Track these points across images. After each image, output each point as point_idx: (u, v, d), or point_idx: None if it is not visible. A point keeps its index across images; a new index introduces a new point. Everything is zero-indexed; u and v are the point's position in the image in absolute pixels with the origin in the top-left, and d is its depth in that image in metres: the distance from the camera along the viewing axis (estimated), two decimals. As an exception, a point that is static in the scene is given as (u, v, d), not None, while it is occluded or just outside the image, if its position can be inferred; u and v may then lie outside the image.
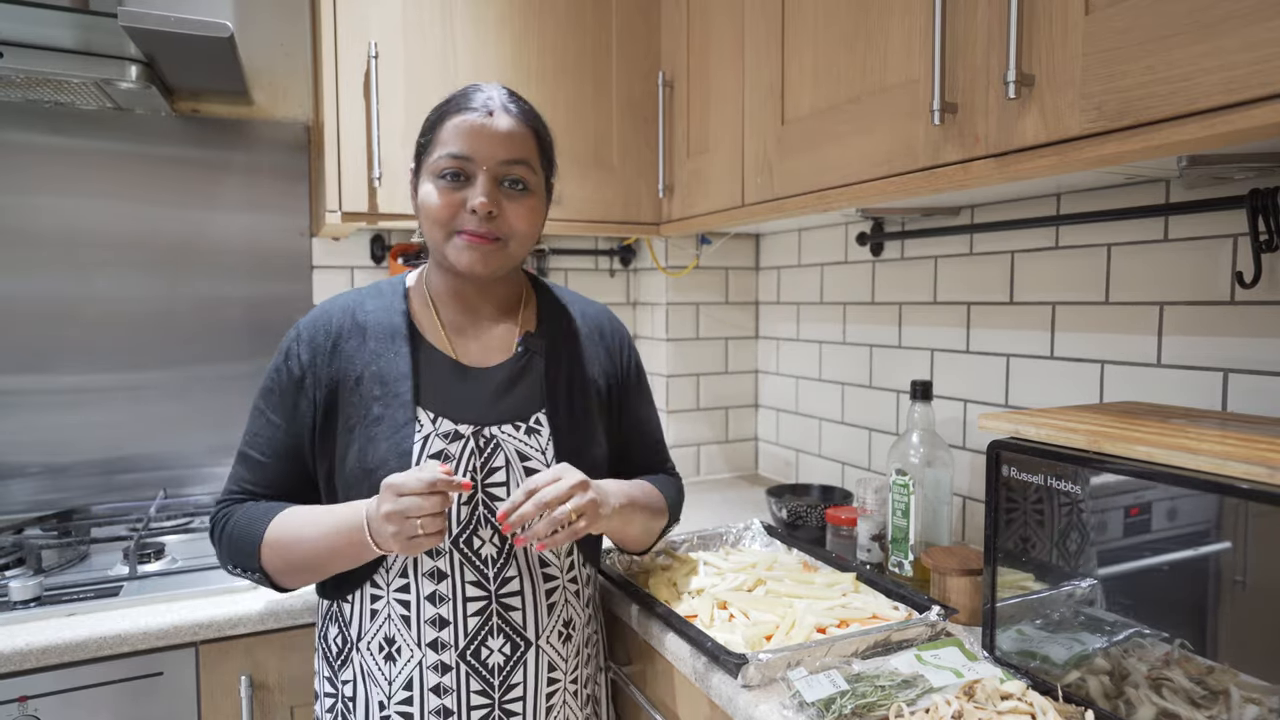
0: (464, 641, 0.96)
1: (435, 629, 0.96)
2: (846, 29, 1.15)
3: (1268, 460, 0.69)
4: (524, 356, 1.05)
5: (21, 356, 1.56)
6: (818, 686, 0.89)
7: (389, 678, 0.97)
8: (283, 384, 1.00)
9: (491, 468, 0.99)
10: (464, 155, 0.96)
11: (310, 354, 1.00)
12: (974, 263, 1.41)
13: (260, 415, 1.01)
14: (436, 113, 1.01)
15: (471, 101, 0.98)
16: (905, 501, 1.23)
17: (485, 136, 0.97)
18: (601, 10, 1.65)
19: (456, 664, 0.96)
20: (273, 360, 1.02)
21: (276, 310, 1.75)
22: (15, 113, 1.54)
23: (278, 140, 1.74)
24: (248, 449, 1.02)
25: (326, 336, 1.01)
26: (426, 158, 0.99)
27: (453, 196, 0.97)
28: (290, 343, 1.01)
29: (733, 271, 2.01)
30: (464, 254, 0.97)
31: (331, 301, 1.05)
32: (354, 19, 1.44)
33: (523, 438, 1.01)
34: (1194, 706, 0.75)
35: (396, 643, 0.97)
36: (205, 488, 1.71)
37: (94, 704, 1.11)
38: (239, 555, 0.98)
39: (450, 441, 0.97)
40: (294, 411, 1.00)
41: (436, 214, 0.97)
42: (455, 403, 1.00)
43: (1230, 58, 0.68)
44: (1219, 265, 1.06)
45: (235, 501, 1.01)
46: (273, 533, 0.96)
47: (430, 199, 0.97)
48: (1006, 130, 0.89)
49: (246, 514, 0.99)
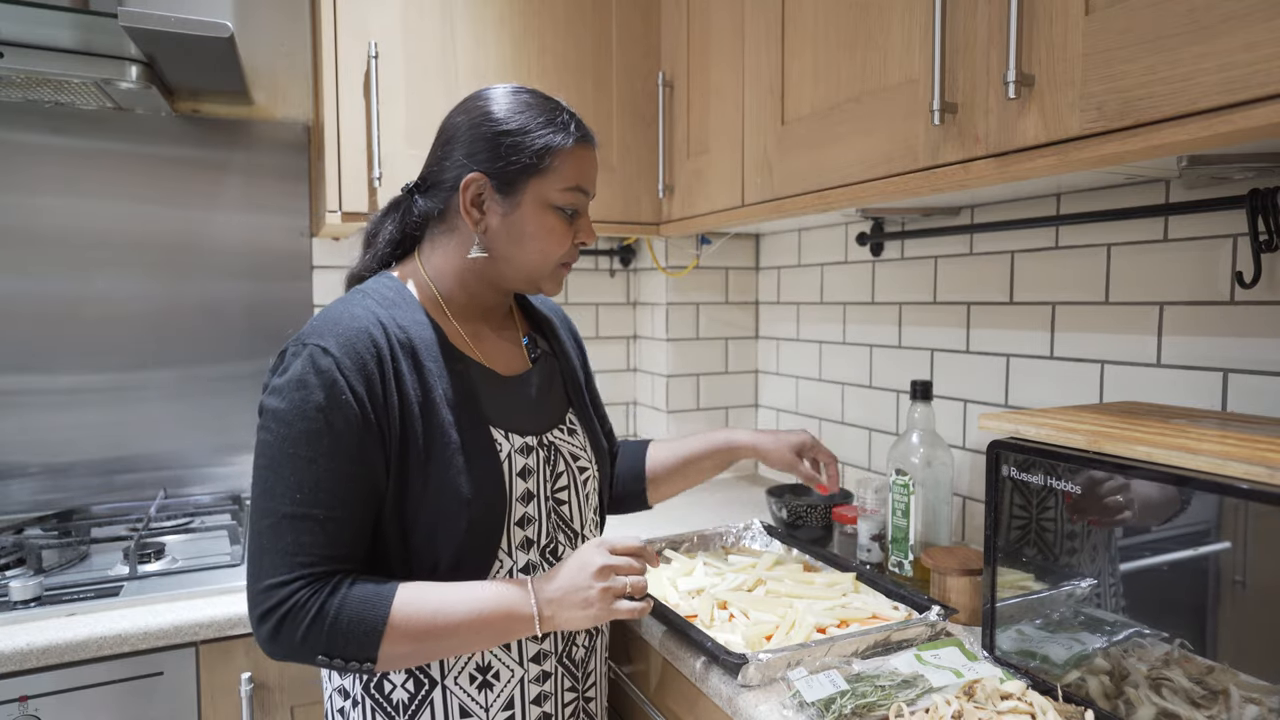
0: (563, 645, 0.98)
1: (537, 642, 0.95)
2: (846, 29, 1.15)
3: (1268, 460, 0.69)
4: (540, 360, 1.06)
5: (21, 356, 1.56)
6: (818, 686, 0.89)
7: (485, 705, 0.93)
8: (339, 425, 0.83)
9: (557, 473, 0.99)
10: (587, 191, 0.96)
11: (364, 383, 0.85)
12: (974, 263, 1.41)
13: (311, 465, 0.82)
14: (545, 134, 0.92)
15: (582, 131, 0.96)
16: (905, 501, 1.23)
17: (594, 171, 0.98)
18: (601, 10, 1.65)
19: (555, 669, 0.97)
20: (300, 398, 0.83)
21: (276, 310, 1.75)
22: (15, 113, 1.54)
23: (278, 140, 1.74)
24: (308, 509, 0.82)
25: (373, 359, 0.86)
26: (532, 181, 0.92)
27: (569, 230, 0.96)
28: (330, 374, 0.83)
29: (733, 271, 2.01)
30: (558, 284, 1.00)
31: (346, 315, 0.88)
32: (354, 19, 1.44)
33: (568, 439, 1.03)
34: (1194, 706, 0.75)
35: (493, 668, 0.93)
36: (205, 488, 1.71)
37: (94, 704, 1.11)
38: (349, 646, 0.82)
39: (527, 455, 0.96)
40: (362, 453, 0.84)
41: (556, 248, 0.95)
42: (515, 415, 0.97)
43: (1230, 58, 0.68)
44: (1219, 265, 1.06)
45: (312, 580, 0.82)
46: (404, 615, 0.83)
47: (550, 233, 0.94)
48: (1006, 130, 0.89)
49: (349, 595, 0.82)
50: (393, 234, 1.00)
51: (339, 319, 0.88)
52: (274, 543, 0.82)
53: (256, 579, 0.83)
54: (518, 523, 0.94)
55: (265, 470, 0.84)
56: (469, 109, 0.96)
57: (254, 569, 0.84)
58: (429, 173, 0.98)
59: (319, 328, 0.87)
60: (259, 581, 0.83)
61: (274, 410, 0.84)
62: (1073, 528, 0.87)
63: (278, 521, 0.83)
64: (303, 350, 0.85)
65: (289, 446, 0.83)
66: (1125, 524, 0.81)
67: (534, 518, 0.96)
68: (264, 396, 0.87)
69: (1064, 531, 0.88)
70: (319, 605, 0.81)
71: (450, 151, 0.95)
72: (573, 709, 1.00)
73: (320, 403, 0.83)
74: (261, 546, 0.83)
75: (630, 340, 2.12)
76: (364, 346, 0.86)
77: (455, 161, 0.94)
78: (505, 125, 0.92)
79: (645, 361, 2.07)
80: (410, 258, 1.01)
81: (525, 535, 0.95)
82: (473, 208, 0.93)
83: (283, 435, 0.83)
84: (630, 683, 1.19)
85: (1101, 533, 0.84)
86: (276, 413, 0.84)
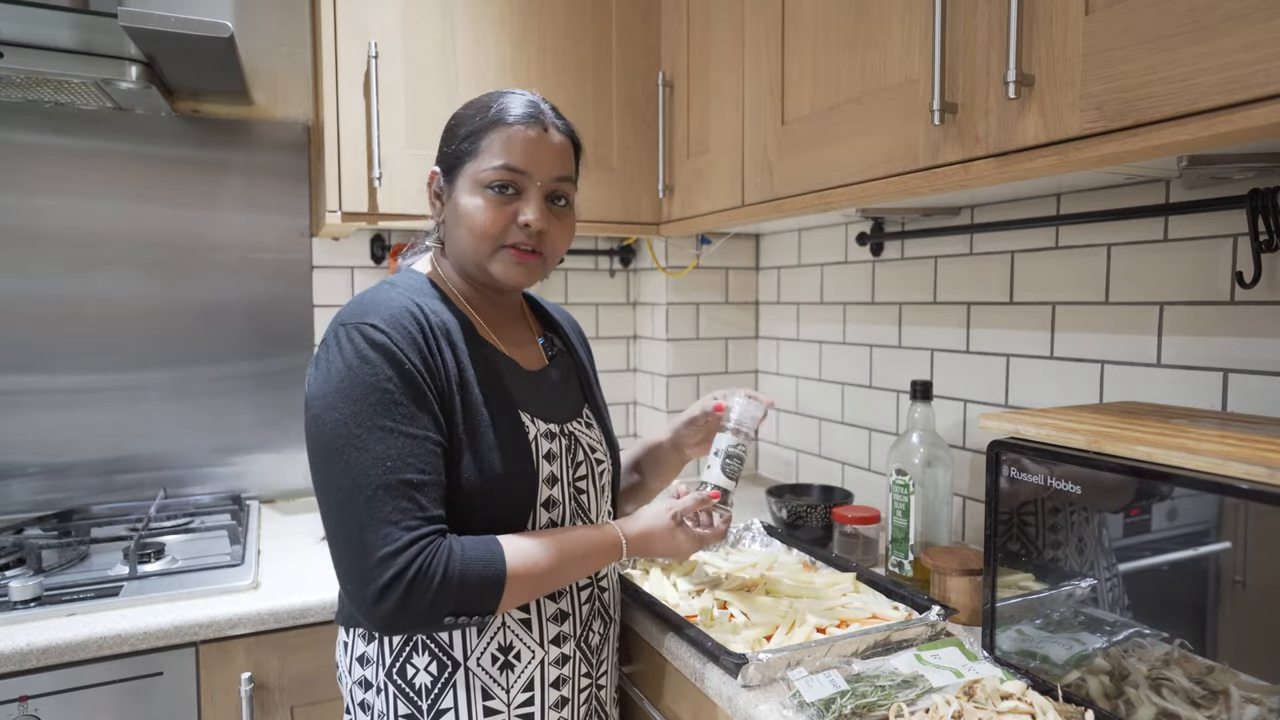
0: (581, 630, 1.00)
1: (558, 624, 0.98)
2: (846, 29, 1.15)
3: (1268, 460, 0.69)
4: (556, 357, 1.08)
5: (21, 356, 1.56)
6: (818, 686, 0.89)
7: (506, 686, 0.94)
8: (410, 393, 0.85)
9: (576, 462, 1.02)
10: (518, 169, 0.94)
11: (418, 355, 0.87)
12: (974, 263, 1.41)
13: (391, 434, 0.84)
14: (479, 118, 0.95)
15: (522, 112, 0.95)
16: (905, 501, 1.23)
17: (539, 151, 0.95)
18: (601, 10, 1.65)
19: (574, 652, 0.99)
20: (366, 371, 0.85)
21: (276, 310, 1.75)
22: (15, 113, 1.54)
23: (278, 140, 1.74)
24: (402, 474, 0.83)
25: (420, 333, 0.89)
26: (467, 165, 0.95)
27: (503, 210, 0.94)
28: (387, 347, 0.86)
29: (733, 271, 2.01)
30: (511, 269, 0.96)
31: (385, 299, 0.91)
32: (354, 19, 1.44)
33: (587, 431, 1.06)
34: (1194, 706, 0.75)
35: (515, 648, 0.94)
36: (205, 488, 1.71)
37: (94, 704, 1.11)
38: (474, 600, 0.85)
39: (551, 441, 0.98)
40: (433, 417, 0.87)
41: (485, 227, 0.93)
42: (539, 403, 1.00)
43: (1230, 58, 0.68)
44: (1219, 265, 1.06)
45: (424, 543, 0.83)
46: (517, 564, 0.87)
47: (477, 211, 0.93)
48: (1006, 130, 0.89)
49: (466, 553, 0.85)
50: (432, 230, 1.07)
51: (377, 301, 0.90)
52: (374, 515, 0.82)
53: (363, 556, 0.82)
54: (544, 504, 0.96)
55: (342, 450, 0.84)
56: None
57: (356, 548, 0.82)
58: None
59: (359, 310, 0.89)
60: (369, 557, 0.81)
61: (338, 391, 0.85)
62: (1072, 528, 0.87)
63: (373, 494, 0.82)
64: (352, 331, 0.86)
65: (365, 419, 0.83)
66: (1125, 524, 0.81)
67: (558, 501, 0.98)
68: (317, 382, 0.87)
69: (1064, 531, 0.88)
70: (444, 566, 0.82)
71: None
72: (587, 694, 1.02)
73: (389, 374, 0.85)
74: (360, 523, 0.82)
75: (630, 340, 2.12)
76: (409, 322, 0.89)
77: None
78: (455, 119, 0.99)
79: (645, 361, 2.07)
80: (428, 255, 1.06)
81: (550, 518, 0.97)
82: (436, 199, 1.00)
83: (355, 412, 0.84)
84: (630, 682, 1.19)
85: (1101, 533, 0.84)
86: (341, 392, 0.84)
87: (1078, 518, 0.86)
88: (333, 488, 0.84)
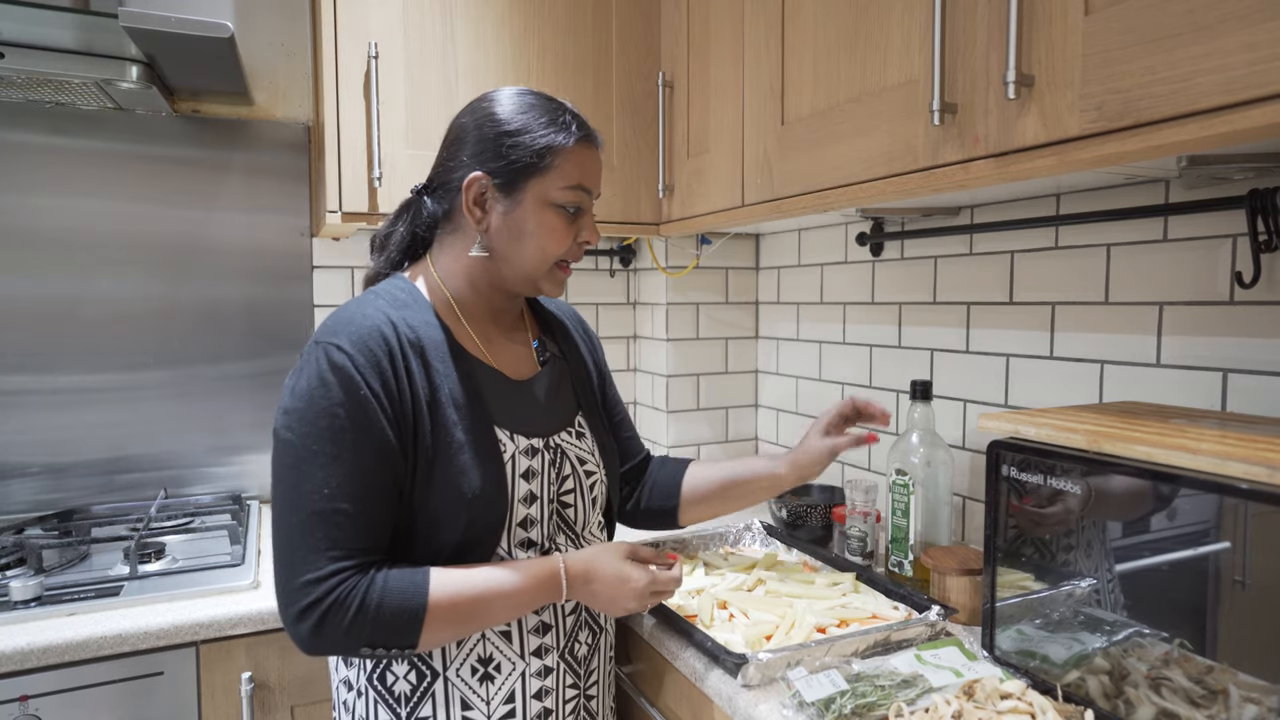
0: (564, 641, 0.99)
1: (539, 636, 0.96)
2: (846, 29, 1.15)
3: (1268, 460, 0.69)
4: (549, 363, 1.07)
5: (21, 356, 1.56)
6: (818, 686, 0.89)
7: (486, 697, 0.94)
8: (360, 420, 0.85)
9: (562, 476, 1.01)
10: (589, 190, 0.97)
11: (378, 378, 0.86)
12: (974, 263, 1.41)
13: (334, 462, 0.84)
14: (546, 133, 0.94)
15: (585, 130, 0.97)
16: (905, 501, 1.23)
17: (599, 170, 0.99)
18: (601, 10, 1.65)
19: (557, 664, 0.98)
20: (320, 395, 0.85)
21: (277, 311, 1.75)
22: (15, 113, 1.54)
23: (278, 140, 1.74)
24: (337, 504, 0.83)
25: (385, 355, 0.88)
26: (533, 180, 0.94)
27: (569, 229, 0.97)
28: (345, 370, 0.85)
29: (733, 271, 2.01)
30: (559, 283, 1.00)
31: (359, 315, 0.90)
32: (354, 19, 1.44)
33: (576, 443, 1.04)
34: (1193, 706, 0.75)
35: (495, 660, 0.94)
36: (205, 487, 1.71)
37: (94, 704, 1.11)
38: (390, 633, 0.84)
39: (531, 457, 0.97)
40: (383, 446, 0.86)
41: (555, 246, 0.96)
42: (521, 418, 0.98)
43: (1229, 58, 0.68)
44: (1218, 265, 1.06)
45: (348, 573, 0.83)
46: (443, 597, 0.86)
47: (552, 230, 0.95)
48: (1006, 130, 0.89)
49: (387, 585, 0.84)
50: (404, 236, 1.02)
51: (351, 318, 0.90)
52: (305, 539, 0.83)
53: (290, 577, 0.83)
54: (520, 523, 0.95)
55: (289, 469, 0.85)
56: (475, 110, 0.98)
57: (285, 567, 0.84)
58: (436, 174, 1.00)
59: (332, 327, 0.89)
60: (294, 579, 0.83)
61: (295, 410, 0.86)
62: (1072, 527, 0.87)
63: (307, 518, 0.84)
64: (319, 351, 0.87)
65: (312, 444, 0.84)
66: (1125, 524, 0.82)
67: (536, 519, 0.97)
68: (285, 399, 0.88)
69: (1064, 531, 0.88)
70: (360, 598, 0.83)
71: (456, 153, 0.97)
72: (574, 705, 1.01)
73: (340, 399, 0.85)
74: (292, 544, 0.84)
75: (630, 340, 2.13)
76: (376, 344, 0.88)
77: (460, 162, 0.96)
78: (508, 126, 0.94)
79: (645, 361, 2.08)
80: (422, 259, 1.03)
81: (526, 536, 0.96)
82: (475, 206, 0.95)
83: (305, 434, 0.85)
84: (630, 682, 1.19)
85: (1101, 533, 0.84)
86: (298, 412, 0.85)
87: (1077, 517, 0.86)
88: (276, 504, 0.87)
